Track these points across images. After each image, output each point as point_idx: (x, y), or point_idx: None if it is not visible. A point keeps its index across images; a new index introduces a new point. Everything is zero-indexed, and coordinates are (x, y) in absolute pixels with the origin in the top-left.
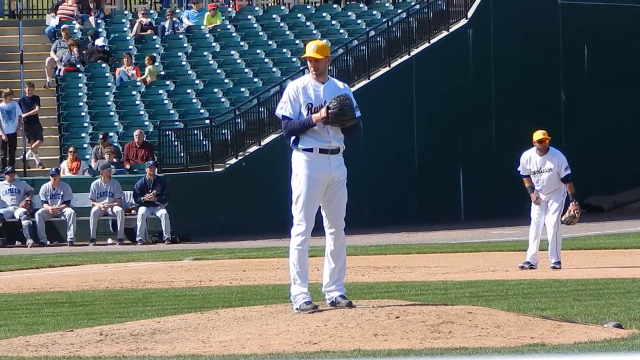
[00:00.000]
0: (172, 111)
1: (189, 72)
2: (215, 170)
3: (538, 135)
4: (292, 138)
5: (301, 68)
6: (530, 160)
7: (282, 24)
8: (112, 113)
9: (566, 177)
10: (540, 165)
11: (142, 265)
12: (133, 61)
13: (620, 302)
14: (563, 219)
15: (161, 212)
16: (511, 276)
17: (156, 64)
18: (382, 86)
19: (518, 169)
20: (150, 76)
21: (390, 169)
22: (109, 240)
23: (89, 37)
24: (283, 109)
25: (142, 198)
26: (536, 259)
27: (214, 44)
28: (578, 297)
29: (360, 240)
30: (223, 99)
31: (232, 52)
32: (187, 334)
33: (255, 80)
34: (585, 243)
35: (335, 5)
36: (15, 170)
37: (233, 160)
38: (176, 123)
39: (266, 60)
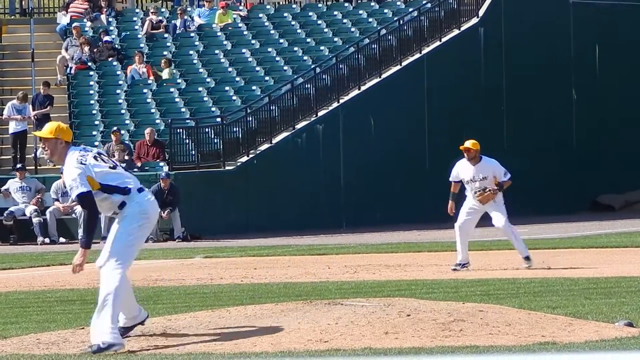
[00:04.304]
0: (183, 109)
1: (200, 70)
2: (227, 168)
3: (465, 144)
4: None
5: (312, 66)
6: (463, 170)
7: (293, 22)
8: (123, 111)
9: (509, 180)
10: (473, 174)
11: (153, 263)
12: (144, 59)
13: (632, 300)
14: (477, 193)
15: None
16: (522, 274)
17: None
18: (393, 84)
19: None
20: (168, 76)
21: (401, 167)
22: None
23: (100, 35)
24: None
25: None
26: (467, 258)
27: (225, 42)
28: (589, 295)
29: (371, 239)
30: (234, 97)
31: (244, 50)
32: (198, 332)
33: (267, 78)
34: (596, 242)
35: (346, 4)
36: (27, 167)
37: (244, 158)
38: (187, 121)
39: (277, 58)
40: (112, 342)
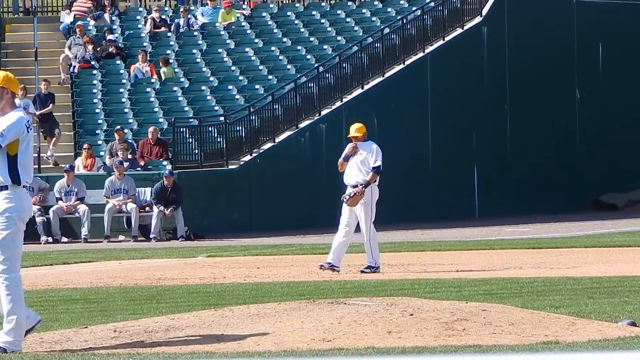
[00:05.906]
0: (186, 108)
1: (204, 69)
2: (230, 167)
3: (351, 133)
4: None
5: (315, 65)
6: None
7: (296, 22)
8: (126, 110)
9: (374, 169)
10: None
11: (156, 263)
12: (148, 58)
13: (635, 300)
14: (347, 200)
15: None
16: (525, 274)
17: (171, 61)
18: (396, 84)
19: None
20: (165, 76)
21: (404, 167)
22: (120, 237)
23: (104, 34)
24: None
25: (161, 209)
26: (339, 261)
27: (228, 41)
28: (592, 295)
29: None
30: (237, 96)
31: (247, 49)
32: (201, 331)
33: (270, 77)
34: (600, 241)
35: (349, 3)
36: None
37: (247, 158)
38: (190, 120)
39: (280, 57)
40: (9, 347)
